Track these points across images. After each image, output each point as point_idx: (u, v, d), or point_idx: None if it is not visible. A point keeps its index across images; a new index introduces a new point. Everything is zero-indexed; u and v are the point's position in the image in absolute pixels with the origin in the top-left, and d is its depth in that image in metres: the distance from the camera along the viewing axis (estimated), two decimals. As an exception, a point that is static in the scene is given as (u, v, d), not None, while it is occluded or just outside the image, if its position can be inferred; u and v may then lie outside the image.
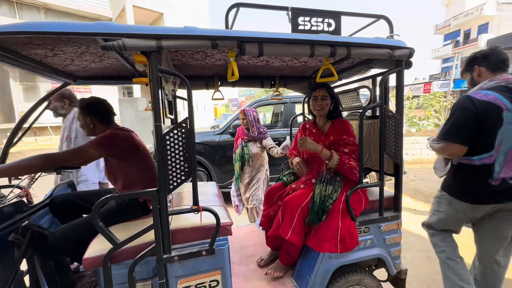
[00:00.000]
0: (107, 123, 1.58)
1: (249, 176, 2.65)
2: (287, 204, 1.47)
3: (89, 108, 1.53)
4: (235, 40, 1.13)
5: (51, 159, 1.32)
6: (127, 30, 1.00)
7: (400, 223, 1.54)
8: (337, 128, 1.63)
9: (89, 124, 1.54)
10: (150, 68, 1.06)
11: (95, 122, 1.55)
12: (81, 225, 1.35)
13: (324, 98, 1.64)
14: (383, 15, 1.55)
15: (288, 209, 1.46)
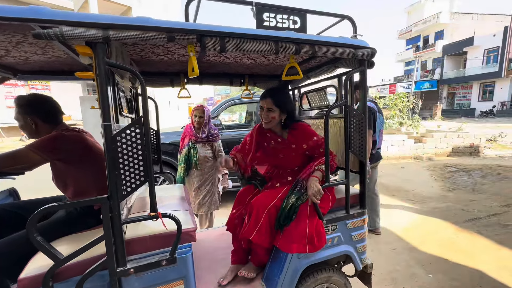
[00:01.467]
0: (53, 123, 1.41)
1: (199, 180, 2.46)
2: (254, 205, 1.43)
3: (29, 106, 1.35)
4: (194, 34, 1.05)
5: None
6: (67, 17, 0.88)
7: (365, 219, 1.58)
8: (299, 134, 1.54)
9: (31, 125, 1.36)
10: (97, 62, 0.95)
11: (38, 122, 1.37)
12: (19, 239, 1.19)
13: (270, 110, 1.47)
14: (347, 15, 1.57)
15: (255, 210, 1.41)
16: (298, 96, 2.32)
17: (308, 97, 2.12)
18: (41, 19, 0.86)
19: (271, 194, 1.49)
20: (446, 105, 24.94)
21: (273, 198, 1.44)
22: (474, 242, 2.76)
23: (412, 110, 12.17)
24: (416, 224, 3.23)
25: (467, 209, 3.66)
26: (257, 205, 1.42)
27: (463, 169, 6.05)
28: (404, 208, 3.75)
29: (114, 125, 1.01)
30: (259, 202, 1.43)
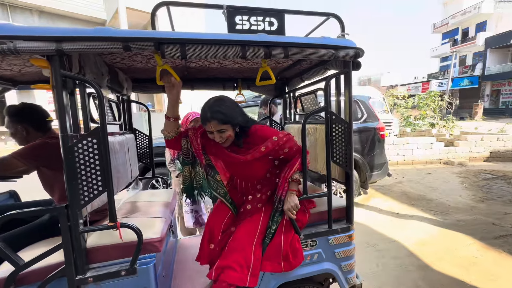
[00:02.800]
0: (43, 131, 1.49)
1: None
2: (238, 247, 1.25)
3: (21, 115, 1.44)
4: (151, 42, 1.03)
5: None
6: (21, 32, 0.91)
7: (352, 235, 1.44)
8: (254, 139, 1.31)
9: (22, 132, 1.45)
10: (53, 73, 0.97)
11: (30, 130, 1.46)
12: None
13: (221, 131, 1.23)
14: (333, 13, 1.45)
15: (241, 254, 1.23)
16: (293, 99, 2.22)
17: (302, 101, 2.02)
18: None
19: (251, 226, 1.31)
20: (490, 104, 22.48)
21: (255, 230, 1.30)
22: (502, 264, 2.41)
23: (446, 109, 11.18)
24: (434, 238, 2.92)
25: (499, 223, 3.23)
26: (242, 246, 1.25)
27: (502, 177, 5.37)
28: (423, 220, 3.42)
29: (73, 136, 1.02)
30: (242, 242, 1.26)
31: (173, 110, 1.34)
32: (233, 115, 1.23)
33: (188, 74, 1.99)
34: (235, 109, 1.27)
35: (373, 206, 3.96)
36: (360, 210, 3.78)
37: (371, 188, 4.68)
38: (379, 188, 4.83)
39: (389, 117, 7.73)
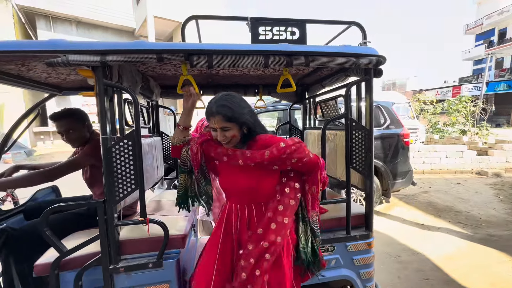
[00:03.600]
0: (89, 131, 1.67)
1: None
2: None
3: (72, 117, 1.60)
4: (181, 53, 1.13)
5: (48, 174, 1.42)
6: (72, 47, 1.04)
7: (371, 243, 1.43)
8: (260, 146, 1.13)
9: (74, 133, 1.59)
10: (97, 82, 1.09)
11: (81, 131, 1.63)
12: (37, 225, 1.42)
13: (225, 129, 1.08)
14: (355, 21, 1.48)
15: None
16: (314, 105, 2.24)
17: (322, 107, 2.03)
18: (54, 50, 1.03)
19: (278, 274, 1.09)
20: (531, 110, 20.60)
21: (283, 275, 1.09)
22: (542, 285, 2.21)
23: (480, 116, 10.44)
24: (462, 252, 2.75)
25: (539, 241, 2.96)
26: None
27: (544, 190, 4.91)
28: (451, 232, 3.23)
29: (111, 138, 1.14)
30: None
31: (185, 119, 1.23)
32: (240, 112, 1.08)
33: (212, 81, 2.09)
34: (244, 107, 1.11)
35: (395, 216, 3.81)
36: (381, 219, 3.66)
37: (394, 197, 4.51)
38: (403, 197, 4.63)
39: (414, 123, 7.39)
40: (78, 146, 1.66)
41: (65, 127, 1.59)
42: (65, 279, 1.18)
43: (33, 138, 12.61)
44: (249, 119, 1.11)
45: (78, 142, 1.63)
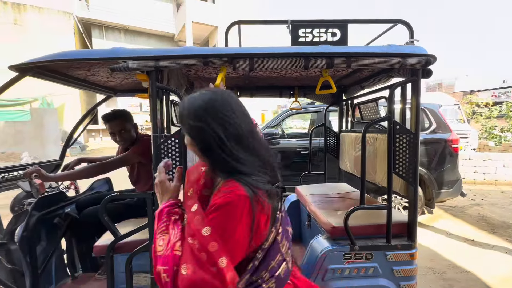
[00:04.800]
0: (136, 131, 1.85)
1: None
2: None
3: (124, 118, 1.79)
4: (225, 57, 1.19)
5: (102, 167, 1.61)
6: (131, 54, 1.17)
7: (414, 254, 1.34)
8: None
9: (126, 132, 1.78)
10: (151, 85, 1.21)
11: (131, 130, 1.81)
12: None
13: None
14: (401, 19, 1.40)
15: None
16: (351, 107, 2.17)
17: (361, 109, 1.96)
18: (116, 57, 1.17)
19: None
20: None
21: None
22: None
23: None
24: (524, 276, 2.41)
25: None
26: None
27: None
28: (508, 252, 2.85)
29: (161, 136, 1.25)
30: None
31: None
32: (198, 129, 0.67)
33: (249, 83, 2.15)
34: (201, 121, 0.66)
35: (440, 229, 3.48)
36: (423, 231, 3.38)
37: (438, 208, 4.13)
38: (449, 209, 4.22)
39: (465, 127, 6.68)
40: (127, 145, 1.83)
41: (118, 127, 1.77)
42: (117, 261, 1.32)
43: (86, 135, 14.15)
44: (209, 143, 0.66)
45: (128, 142, 1.81)
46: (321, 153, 3.63)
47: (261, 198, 0.64)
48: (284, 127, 4.75)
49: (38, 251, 1.42)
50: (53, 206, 1.59)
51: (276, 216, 0.71)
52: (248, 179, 0.64)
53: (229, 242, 0.60)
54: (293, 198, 2.28)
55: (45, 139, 8.83)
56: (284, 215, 0.80)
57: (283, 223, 0.76)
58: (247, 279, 0.66)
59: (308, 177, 2.90)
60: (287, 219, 0.82)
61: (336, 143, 2.38)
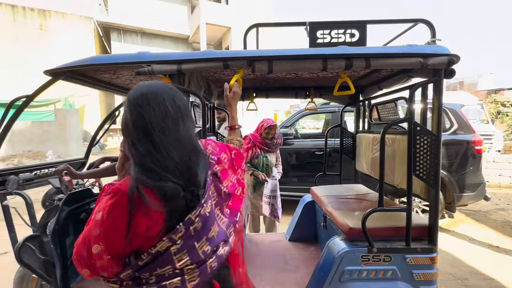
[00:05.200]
0: None
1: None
2: None
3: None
4: (244, 60, 1.22)
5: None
6: (154, 58, 1.22)
7: (435, 258, 1.31)
8: None
9: None
10: (173, 88, 1.26)
11: None
12: None
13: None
14: (422, 18, 1.38)
15: None
16: (368, 107, 2.14)
17: (378, 110, 1.93)
18: (141, 61, 1.23)
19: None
20: None
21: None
22: None
23: None
24: (554, 286, 2.28)
25: None
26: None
27: None
28: (537, 260, 2.70)
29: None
30: None
31: (237, 118, 1.15)
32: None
33: (265, 84, 2.18)
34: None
35: (461, 234, 3.35)
36: (443, 235, 3.26)
37: (459, 212, 3.97)
38: (471, 213, 4.04)
39: (489, 128, 6.36)
40: None
41: None
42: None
43: (105, 134, 14.74)
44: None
45: None
46: (336, 154, 3.60)
47: (146, 200, 0.62)
48: (297, 127, 4.74)
49: (67, 244, 1.51)
50: (81, 202, 1.69)
51: (174, 226, 0.65)
52: (139, 175, 0.63)
53: (104, 232, 0.63)
54: (308, 199, 2.29)
55: (68, 138, 9.29)
56: (200, 232, 0.68)
57: (189, 239, 0.67)
58: (130, 274, 0.65)
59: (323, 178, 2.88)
60: (210, 241, 0.70)
61: (352, 144, 2.35)
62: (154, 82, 0.72)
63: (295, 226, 2.27)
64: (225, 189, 0.80)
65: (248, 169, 2.49)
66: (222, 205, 0.79)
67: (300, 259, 1.97)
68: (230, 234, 0.78)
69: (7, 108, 1.44)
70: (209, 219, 0.70)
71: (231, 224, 0.80)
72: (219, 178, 0.79)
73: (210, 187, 0.74)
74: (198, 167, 0.70)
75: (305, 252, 2.07)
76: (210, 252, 0.70)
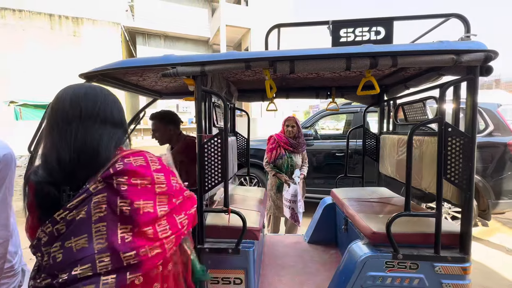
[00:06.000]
0: (179, 130, 1.98)
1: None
2: None
3: (168, 118, 1.94)
4: (266, 61, 1.23)
5: None
6: (179, 60, 1.27)
7: (467, 268, 1.22)
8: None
9: (170, 132, 1.93)
10: (196, 89, 1.29)
11: (172, 130, 1.95)
12: None
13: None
14: (455, 13, 1.30)
15: None
16: (394, 107, 2.06)
17: (405, 110, 1.85)
18: (166, 63, 1.28)
19: None
20: None
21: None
22: None
23: None
24: None
25: None
26: None
27: None
28: None
29: (205, 135, 1.33)
30: None
31: None
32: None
33: (285, 84, 2.17)
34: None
35: (497, 244, 3.10)
36: (477, 245, 3.04)
37: (495, 220, 3.68)
38: (509, 222, 3.72)
39: (530, 130, 5.81)
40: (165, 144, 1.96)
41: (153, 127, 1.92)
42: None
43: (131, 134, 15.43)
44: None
45: (163, 141, 1.94)
46: (358, 156, 3.49)
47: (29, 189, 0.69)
48: (317, 128, 4.65)
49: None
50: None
51: (42, 218, 0.68)
52: (38, 164, 0.71)
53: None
54: (329, 201, 2.24)
55: (97, 137, 9.82)
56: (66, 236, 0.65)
57: (55, 239, 0.66)
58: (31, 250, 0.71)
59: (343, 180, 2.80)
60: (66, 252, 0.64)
61: (375, 146, 2.27)
62: (76, 84, 0.77)
63: (315, 228, 2.23)
64: (126, 208, 0.66)
65: (271, 170, 2.48)
66: (113, 225, 0.66)
67: (319, 262, 1.93)
68: (102, 267, 0.63)
69: (46, 109, 1.57)
70: (77, 228, 0.65)
71: (111, 256, 0.64)
72: (119, 192, 0.67)
73: (95, 198, 0.66)
74: (82, 169, 0.68)
75: (325, 255, 2.03)
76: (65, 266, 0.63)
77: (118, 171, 0.68)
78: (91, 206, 0.65)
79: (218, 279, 1.36)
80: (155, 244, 0.68)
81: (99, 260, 0.63)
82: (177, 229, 0.74)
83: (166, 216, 0.72)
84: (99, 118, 0.72)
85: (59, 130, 0.69)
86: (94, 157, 0.69)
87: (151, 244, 0.67)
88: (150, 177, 0.72)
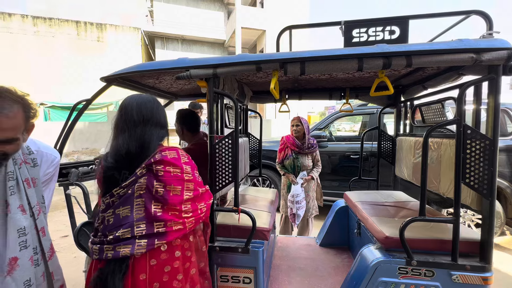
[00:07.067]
0: (193, 132, 2.02)
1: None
2: None
3: (182, 118, 2.00)
4: (277, 62, 1.24)
5: None
6: (192, 63, 1.31)
7: (489, 278, 1.16)
8: None
9: (180, 131, 2.00)
10: (209, 91, 1.33)
11: (184, 130, 2.01)
12: None
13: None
14: (477, 9, 1.24)
15: None
16: (411, 109, 1.99)
17: (422, 111, 1.78)
18: (181, 66, 1.33)
19: None
20: None
21: None
22: None
23: None
24: None
25: None
26: None
27: None
28: None
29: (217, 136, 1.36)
30: None
31: None
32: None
33: (298, 85, 2.16)
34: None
35: (526, 254, 2.89)
36: (502, 255, 2.84)
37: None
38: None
39: None
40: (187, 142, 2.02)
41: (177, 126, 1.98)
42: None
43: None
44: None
45: (186, 140, 2.00)
46: (373, 158, 3.39)
47: (100, 170, 0.93)
48: (332, 130, 4.57)
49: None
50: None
51: (105, 192, 0.93)
52: (107, 152, 0.97)
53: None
54: (341, 204, 2.20)
55: (117, 137, 10.27)
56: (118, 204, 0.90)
57: (110, 207, 0.91)
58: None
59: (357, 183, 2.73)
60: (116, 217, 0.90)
61: (391, 148, 2.20)
62: (138, 95, 1.02)
63: (327, 231, 2.20)
64: (161, 189, 0.90)
65: (281, 170, 2.50)
66: (149, 201, 0.89)
67: (331, 266, 1.90)
68: (138, 232, 0.86)
69: (71, 110, 1.67)
70: (124, 200, 0.89)
71: (146, 224, 0.88)
72: (157, 176, 0.90)
73: (140, 180, 0.90)
74: (138, 159, 0.92)
75: (336, 259, 2.00)
76: (112, 228, 0.88)
77: (157, 160, 0.91)
78: (135, 185, 0.89)
79: (227, 277, 1.38)
80: (178, 221, 0.91)
81: (136, 226, 0.87)
82: (197, 213, 0.97)
83: (190, 201, 0.95)
84: (153, 122, 0.98)
85: (129, 132, 0.94)
86: (147, 150, 0.93)
87: (176, 220, 0.91)
88: (180, 167, 0.95)
